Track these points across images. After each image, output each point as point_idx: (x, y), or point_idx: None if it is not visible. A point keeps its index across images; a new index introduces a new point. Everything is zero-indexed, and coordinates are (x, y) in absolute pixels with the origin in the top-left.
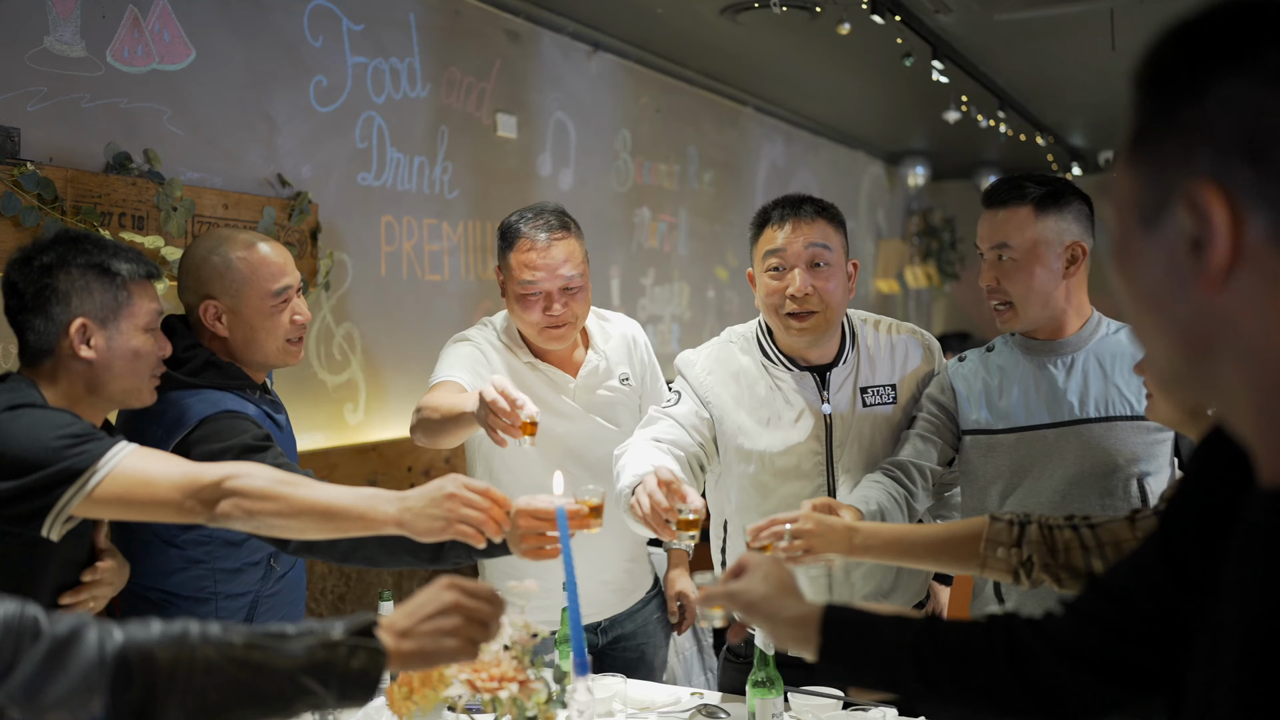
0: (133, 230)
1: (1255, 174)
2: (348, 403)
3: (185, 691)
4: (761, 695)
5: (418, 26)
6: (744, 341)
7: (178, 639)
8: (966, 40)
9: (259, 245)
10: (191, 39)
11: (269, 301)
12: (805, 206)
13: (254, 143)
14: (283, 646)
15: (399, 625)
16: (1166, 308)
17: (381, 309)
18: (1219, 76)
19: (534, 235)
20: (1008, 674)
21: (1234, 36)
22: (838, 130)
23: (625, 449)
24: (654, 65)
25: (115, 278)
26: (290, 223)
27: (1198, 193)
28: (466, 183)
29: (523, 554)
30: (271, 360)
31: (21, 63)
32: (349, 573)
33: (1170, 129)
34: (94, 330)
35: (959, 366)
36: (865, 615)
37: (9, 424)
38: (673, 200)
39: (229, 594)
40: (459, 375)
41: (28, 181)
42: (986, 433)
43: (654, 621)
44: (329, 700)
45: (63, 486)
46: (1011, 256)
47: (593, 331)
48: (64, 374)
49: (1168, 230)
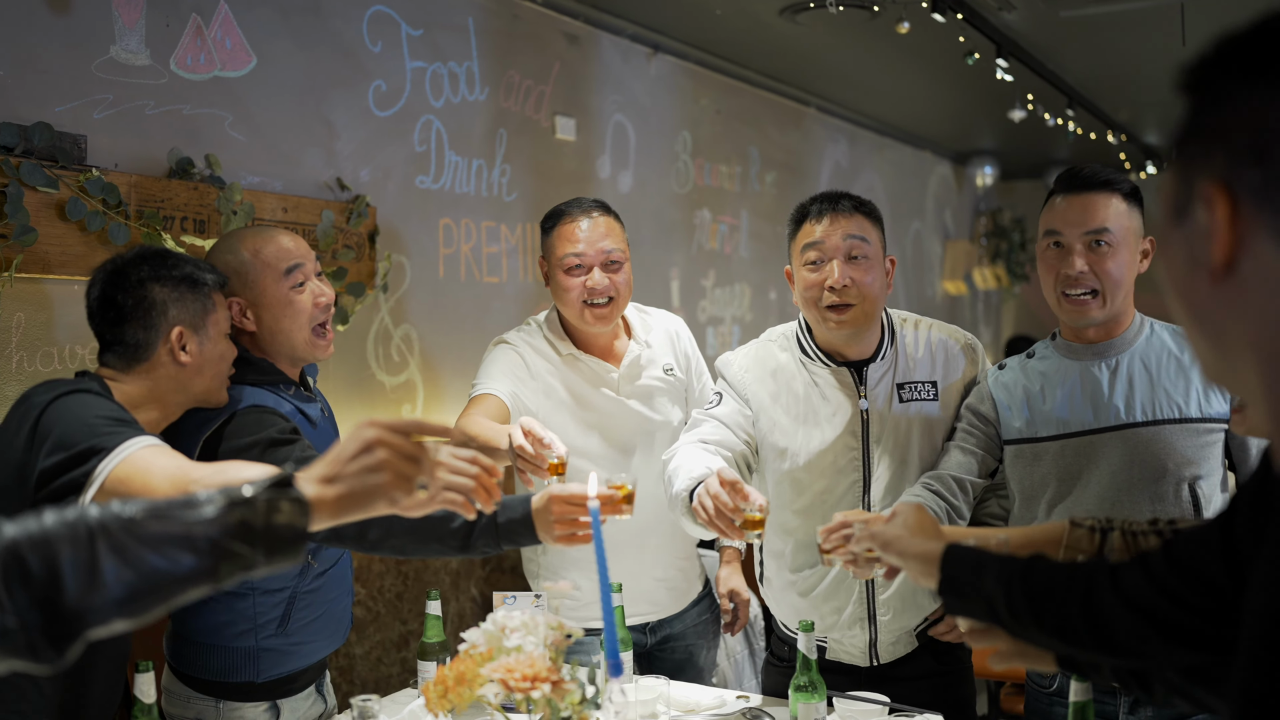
0: (194, 234)
1: (1261, 175)
2: (405, 403)
3: (92, 572)
4: (804, 699)
5: (476, 31)
6: (783, 339)
7: (72, 522)
8: (1032, 37)
9: (263, 232)
10: (252, 46)
11: (283, 284)
12: (843, 201)
13: (313, 147)
14: (190, 513)
15: (323, 473)
16: (1189, 296)
17: (439, 311)
18: (1239, 87)
19: (576, 214)
20: (1079, 618)
21: (1255, 51)
22: (903, 130)
23: (673, 453)
24: (714, 66)
25: (202, 288)
26: (349, 225)
27: (1209, 190)
28: (525, 185)
29: (555, 540)
30: (300, 351)
31: (88, 72)
32: (406, 572)
33: (1197, 133)
34: (189, 337)
35: (999, 375)
36: (979, 556)
37: (59, 407)
38: (734, 202)
39: (266, 589)
40: (499, 386)
41: (93, 187)
42: (1030, 441)
43: (703, 623)
44: (257, 559)
45: (93, 462)
46: (1109, 242)
47: (634, 323)
48: (157, 377)
49: (1189, 225)
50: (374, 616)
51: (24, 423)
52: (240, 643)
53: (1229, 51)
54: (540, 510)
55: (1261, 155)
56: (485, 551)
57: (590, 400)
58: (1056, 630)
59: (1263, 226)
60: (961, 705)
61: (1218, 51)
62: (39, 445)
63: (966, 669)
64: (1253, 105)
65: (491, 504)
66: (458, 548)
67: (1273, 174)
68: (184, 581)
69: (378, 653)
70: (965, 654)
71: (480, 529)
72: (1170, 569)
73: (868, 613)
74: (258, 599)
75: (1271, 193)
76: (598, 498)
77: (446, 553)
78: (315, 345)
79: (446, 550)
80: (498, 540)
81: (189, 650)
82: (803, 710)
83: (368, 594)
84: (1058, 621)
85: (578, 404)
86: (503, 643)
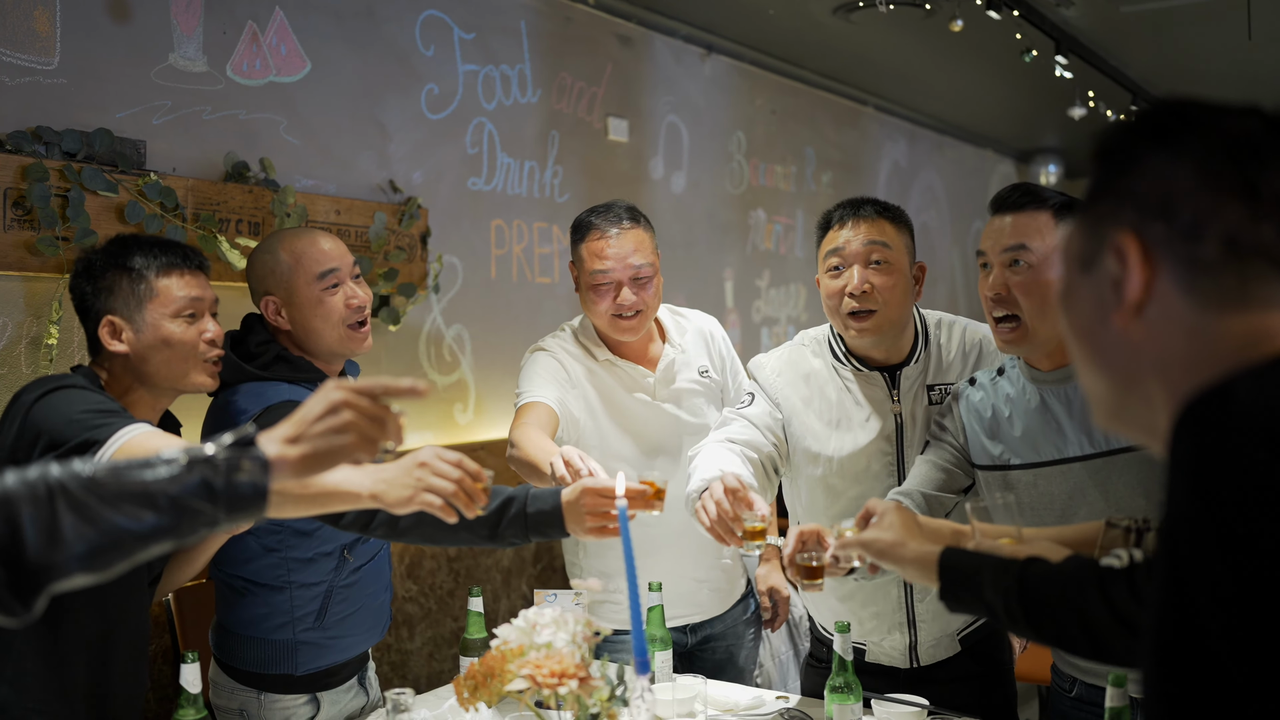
0: (248, 236)
1: (1166, 227)
2: (457, 403)
3: (52, 529)
4: (839, 700)
5: (528, 33)
6: (815, 344)
7: (33, 481)
8: (1092, 33)
9: (304, 235)
10: (307, 51)
11: (316, 287)
12: (865, 207)
13: (366, 150)
14: (151, 471)
15: (287, 433)
16: (1094, 338)
17: (491, 311)
18: (1147, 152)
19: (604, 226)
20: (1075, 629)
21: (1161, 124)
22: (963, 128)
23: (699, 450)
24: (769, 66)
25: (132, 273)
26: (400, 227)
27: (1121, 240)
28: (577, 186)
29: (586, 532)
30: (334, 348)
31: (148, 79)
32: (458, 569)
33: (1108, 192)
34: (122, 325)
35: (969, 393)
36: (975, 561)
37: (44, 406)
38: (789, 202)
39: (303, 583)
40: (547, 393)
41: (151, 191)
42: (1001, 469)
43: (743, 623)
44: (219, 516)
45: (93, 450)
46: (1029, 262)
47: (668, 326)
48: (113, 368)
49: (1098, 274)
50: (426, 612)
51: (13, 422)
52: (278, 635)
53: (1139, 124)
54: (571, 503)
55: (1166, 210)
56: (513, 542)
57: (627, 405)
58: (1055, 640)
59: (1167, 272)
60: (1002, 708)
61: (1129, 125)
62: (28, 444)
63: (1008, 672)
64: (1159, 167)
65: (475, 509)
66: (486, 536)
67: (1176, 227)
68: (145, 538)
69: (429, 648)
70: (1007, 656)
71: (509, 519)
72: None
73: (907, 618)
74: (294, 592)
75: (1174, 243)
76: (627, 492)
77: (475, 541)
78: (350, 338)
79: (475, 539)
80: (526, 531)
81: (231, 642)
82: (838, 711)
83: (419, 590)
84: (1055, 631)
85: (615, 409)
86: (533, 639)
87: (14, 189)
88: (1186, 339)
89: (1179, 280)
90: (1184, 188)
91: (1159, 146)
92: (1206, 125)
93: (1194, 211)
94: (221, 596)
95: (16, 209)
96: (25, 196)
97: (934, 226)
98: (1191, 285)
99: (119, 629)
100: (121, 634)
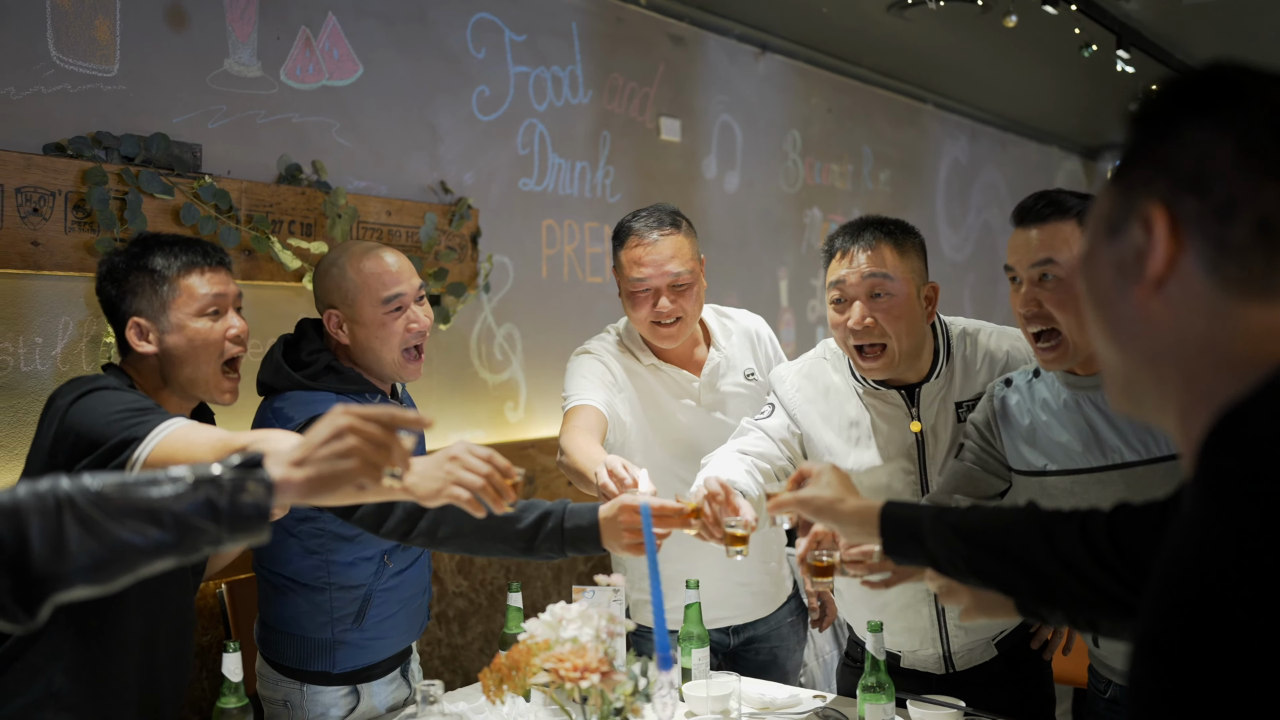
0: (300, 237)
1: (1198, 203)
2: (508, 401)
3: (58, 542)
4: (872, 700)
5: (580, 35)
6: (835, 358)
7: (41, 493)
8: (1155, 26)
9: (374, 254)
10: (359, 55)
11: (380, 310)
12: (865, 233)
13: (417, 152)
14: (157, 489)
15: (294, 456)
16: (1112, 308)
17: (542, 310)
18: (1188, 121)
19: (643, 233)
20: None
21: (1204, 92)
22: (1027, 125)
23: (711, 458)
24: (824, 64)
25: (154, 274)
26: (451, 228)
27: (1150, 211)
28: (629, 186)
29: (623, 548)
30: (388, 372)
31: (204, 84)
32: (509, 565)
33: (1142, 160)
34: (149, 327)
35: (1006, 395)
36: (914, 511)
37: (79, 409)
38: (845, 200)
39: (343, 585)
40: (595, 396)
41: (206, 193)
42: (1037, 474)
43: (787, 625)
44: (222, 535)
45: (127, 451)
46: (1057, 275)
47: (714, 329)
48: (142, 368)
49: (1123, 242)
50: (477, 608)
51: (50, 425)
52: (318, 634)
53: (1182, 89)
54: (609, 519)
55: (1200, 185)
56: (550, 555)
57: (672, 410)
58: (1001, 586)
59: (1193, 250)
60: (1039, 711)
61: (1171, 88)
62: (67, 447)
63: (1045, 675)
64: (1197, 140)
65: (503, 505)
66: (522, 549)
67: (1208, 204)
68: (149, 553)
69: (479, 643)
70: (1046, 660)
71: (546, 533)
72: (1109, 538)
73: (940, 632)
74: (334, 594)
75: (1205, 221)
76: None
77: (511, 553)
78: (404, 368)
79: (511, 551)
80: (563, 546)
81: (272, 637)
82: (870, 711)
83: (470, 586)
84: (1000, 581)
85: (659, 414)
86: (559, 633)
87: (75, 192)
88: (1206, 322)
89: (1205, 260)
90: (1222, 164)
91: (1201, 116)
92: (1254, 98)
93: (1229, 190)
94: (264, 593)
95: (77, 211)
96: (85, 200)
97: (996, 225)
98: (1217, 267)
99: (164, 618)
100: (166, 623)
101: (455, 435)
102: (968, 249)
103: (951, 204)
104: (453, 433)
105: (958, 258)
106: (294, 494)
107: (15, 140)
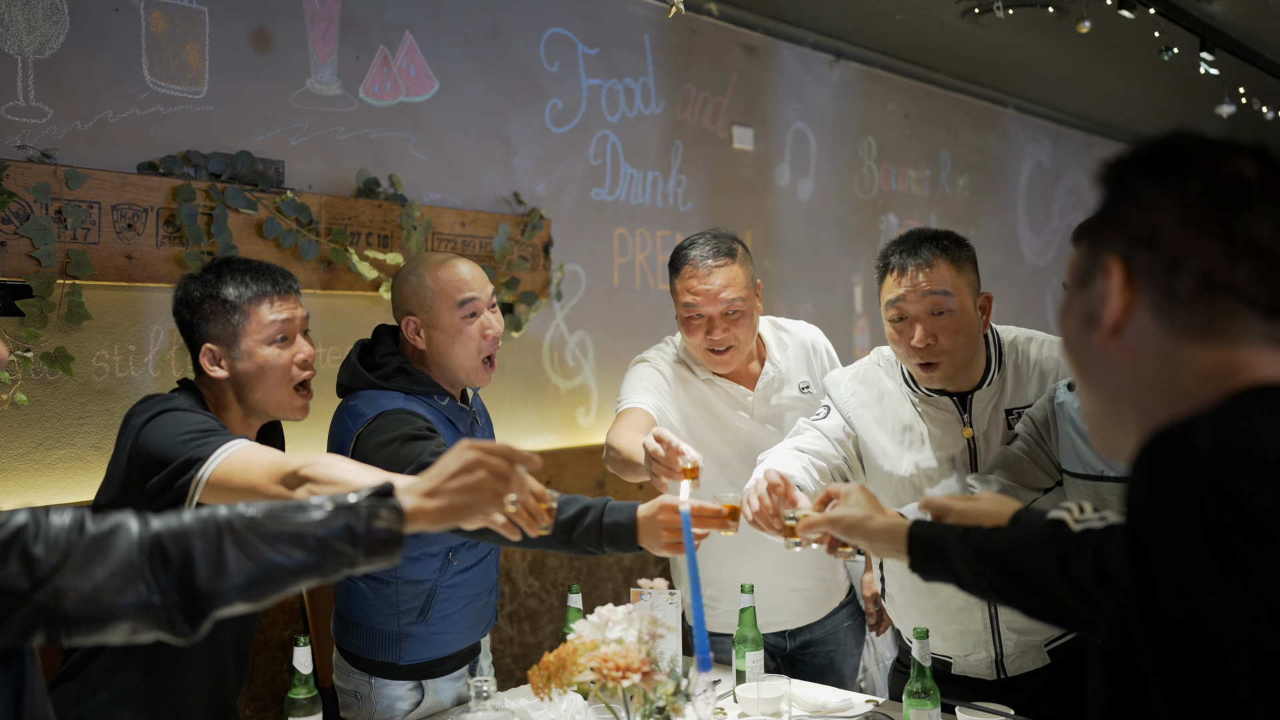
0: (378, 248)
1: (1151, 258)
2: (580, 406)
3: (219, 562)
4: (917, 705)
5: (652, 47)
6: (889, 365)
7: (205, 519)
8: (1241, 26)
9: (449, 263)
10: (435, 72)
11: (456, 314)
12: (923, 249)
13: (491, 164)
14: (303, 515)
15: (425, 487)
16: (1079, 352)
17: (614, 318)
18: (1142, 185)
19: (698, 262)
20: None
21: (1157, 159)
22: (1113, 126)
23: (768, 454)
24: (900, 70)
25: (226, 304)
26: (524, 237)
27: (1109, 264)
28: (701, 195)
29: (662, 547)
30: (462, 377)
31: (287, 103)
32: (579, 566)
33: (1107, 218)
34: (221, 354)
35: (1070, 399)
36: (941, 532)
37: (150, 430)
38: (922, 206)
39: (408, 579)
40: (644, 400)
41: (287, 207)
42: (1094, 479)
43: (844, 629)
44: (359, 558)
45: (192, 470)
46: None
47: (769, 342)
48: (215, 389)
49: (1089, 292)
50: (549, 608)
51: (126, 441)
52: (385, 625)
53: (1141, 156)
54: (647, 518)
55: (1152, 242)
56: (588, 550)
57: (727, 423)
58: (1021, 607)
59: (1147, 300)
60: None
61: (1132, 155)
62: (140, 466)
63: None
64: (1150, 201)
65: (536, 528)
66: (562, 542)
67: (1159, 259)
68: (295, 574)
69: (550, 642)
70: None
71: (584, 527)
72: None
73: (993, 635)
74: (400, 588)
75: (1157, 274)
76: (700, 510)
77: (551, 545)
78: (478, 373)
79: (552, 543)
80: (600, 541)
81: (344, 627)
82: (915, 716)
83: (542, 586)
84: (1020, 602)
85: (714, 426)
86: (605, 634)
87: (165, 208)
88: (1159, 364)
89: (1155, 308)
90: (1170, 223)
91: (1154, 180)
92: (1198, 165)
93: (1175, 246)
94: (340, 585)
95: (167, 226)
96: (175, 215)
97: None
98: (1165, 314)
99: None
100: (232, 628)
101: (528, 440)
102: (1050, 253)
103: (1034, 208)
104: (525, 437)
105: (1040, 263)
106: (426, 522)
107: (112, 160)
